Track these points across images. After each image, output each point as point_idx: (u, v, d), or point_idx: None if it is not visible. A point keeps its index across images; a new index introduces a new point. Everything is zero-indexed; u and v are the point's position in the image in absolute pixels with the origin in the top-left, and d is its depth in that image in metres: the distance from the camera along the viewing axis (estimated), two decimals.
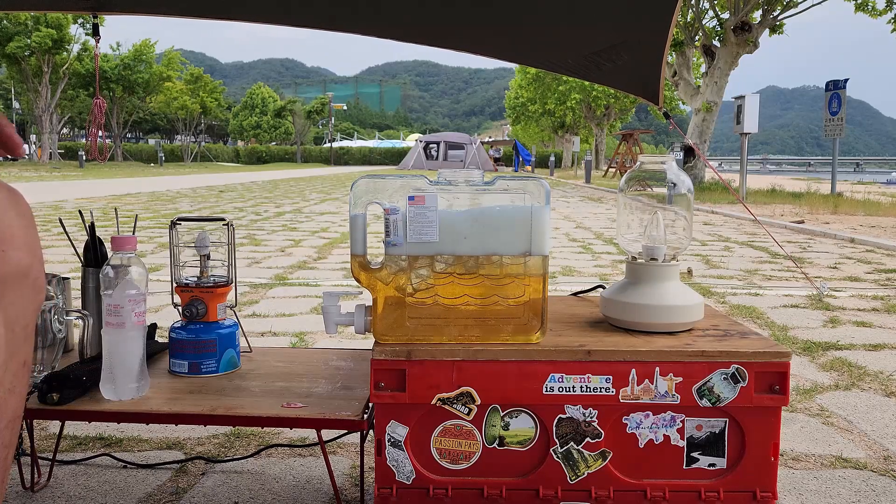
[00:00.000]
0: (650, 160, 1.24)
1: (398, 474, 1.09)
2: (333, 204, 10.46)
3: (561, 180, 22.77)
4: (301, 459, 1.52)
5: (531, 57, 2.69)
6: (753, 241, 6.09)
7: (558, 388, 1.06)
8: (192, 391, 1.21)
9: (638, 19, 2.15)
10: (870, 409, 1.90)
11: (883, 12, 13.70)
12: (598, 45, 2.29)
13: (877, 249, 5.60)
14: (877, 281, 4.07)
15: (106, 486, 1.37)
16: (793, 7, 14.10)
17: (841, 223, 7.60)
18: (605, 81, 2.63)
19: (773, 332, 2.75)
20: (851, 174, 45.53)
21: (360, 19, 2.37)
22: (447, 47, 2.47)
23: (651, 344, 1.09)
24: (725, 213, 8.97)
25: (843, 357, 2.40)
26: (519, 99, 47.56)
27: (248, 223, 7.29)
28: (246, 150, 60.44)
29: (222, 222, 1.36)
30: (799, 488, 1.43)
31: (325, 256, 4.87)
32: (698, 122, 14.79)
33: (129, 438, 1.63)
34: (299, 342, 2.54)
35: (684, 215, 1.23)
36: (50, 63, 38.98)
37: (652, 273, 1.17)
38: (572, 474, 1.09)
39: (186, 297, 1.28)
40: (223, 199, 11.39)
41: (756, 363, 1.06)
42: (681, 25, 15.13)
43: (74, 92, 45.14)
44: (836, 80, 12.20)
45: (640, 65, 2.36)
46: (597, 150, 37.56)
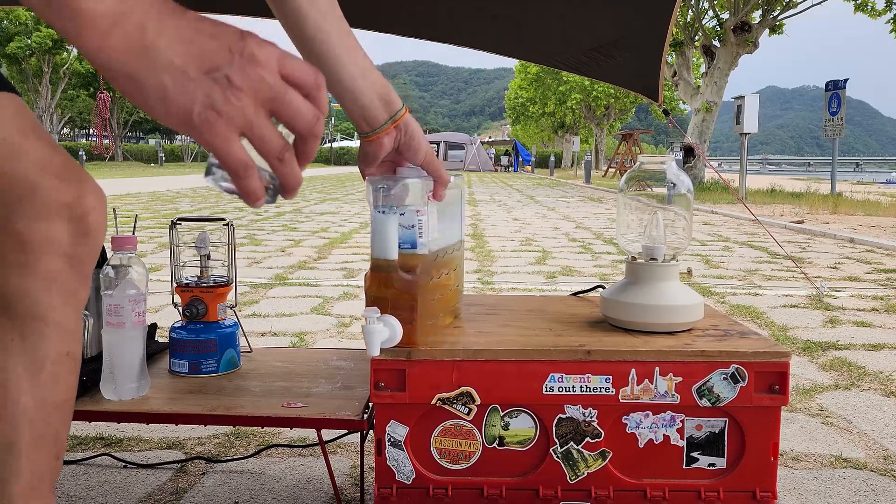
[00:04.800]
0: (650, 160, 1.24)
1: (398, 474, 1.09)
2: (333, 204, 10.47)
3: (561, 180, 22.78)
4: (301, 459, 1.52)
5: (532, 52, 2.69)
6: (753, 241, 6.09)
7: (558, 388, 1.06)
8: (192, 391, 1.21)
9: (637, 16, 2.15)
10: (870, 409, 1.90)
11: (882, 12, 13.71)
12: (597, 41, 2.29)
13: (876, 249, 5.60)
14: (876, 281, 4.08)
15: (106, 486, 1.37)
16: (793, 7, 14.11)
17: (841, 223, 7.60)
18: (605, 78, 2.64)
19: (773, 332, 2.75)
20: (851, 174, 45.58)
21: (360, 14, 2.37)
22: (448, 42, 2.47)
23: (651, 344, 1.09)
24: (725, 213, 8.97)
25: (843, 357, 2.40)
26: (519, 99, 47.60)
27: (248, 223, 7.29)
28: None
29: (222, 222, 1.36)
30: (799, 488, 1.43)
31: (325, 256, 4.87)
32: (698, 122, 14.80)
33: (130, 438, 1.63)
34: (299, 342, 2.54)
35: (684, 215, 1.23)
36: (50, 63, 38.99)
37: (652, 273, 1.17)
38: (572, 474, 1.09)
39: (186, 297, 1.28)
40: (223, 199, 11.39)
41: (756, 363, 1.06)
42: (681, 25, 15.13)
43: (75, 92, 45.17)
44: (836, 80, 12.21)
45: (640, 62, 2.37)
46: (597, 150, 37.57)
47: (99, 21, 0.47)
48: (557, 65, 2.59)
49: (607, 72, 2.53)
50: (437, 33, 2.49)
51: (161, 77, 0.48)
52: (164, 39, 0.48)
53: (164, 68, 0.48)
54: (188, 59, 0.49)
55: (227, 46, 0.50)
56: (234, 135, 0.50)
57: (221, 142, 0.50)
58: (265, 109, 0.51)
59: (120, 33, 0.47)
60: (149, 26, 0.48)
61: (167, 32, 0.48)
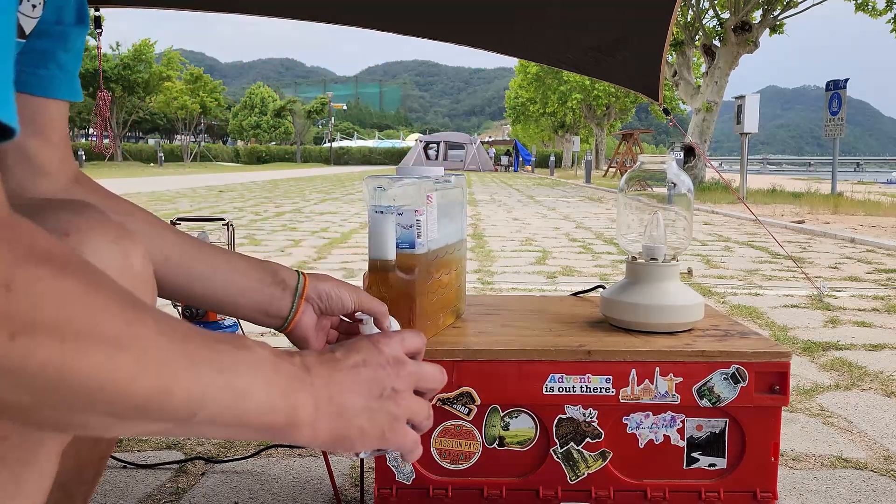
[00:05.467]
0: (650, 160, 1.24)
1: (398, 474, 1.09)
2: (333, 204, 10.46)
3: (561, 180, 22.78)
4: (301, 459, 1.52)
5: (532, 51, 2.69)
6: (753, 241, 6.09)
7: (558, 388, 1.06)
8: None
9: (638, 14, 2.15)
10: (870, 409, 1.90)
11: (883, 12, 13.71)
12: (597, 39, 2.29)
13: (877, 249, 5.60)
14: (877, 281, 4.07)
15: (106, 486, 1.37)
16: (793, 7, 14.10)
17: (841, 223, 7.60)
18: (606, 77, 2.64)
19: (774, 332, 2.75)
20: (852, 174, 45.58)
21: (360, 12, 2.37)
22: (448, 41, 2.47)
23: (651, 344, 1.09)
24: (725, 212, 8.97)
25: (844, 357, 2.39)
26: (519, 99, 47.60)
27: (248, 223, 7.29)
28: (246, 150, 60.48)
29: (222, 222, 1.36)
30: (799, 488, 1.43)
31: (325, 256, 4.87)
32: (698, 121, 14.79)
33: (129, 438, 1.63)
34: None
35: (684, 215, 1.23)
36: None
37: (652, 273, 1.17)
38: (572, 474, 1.09)
39: None
40: (223, 199, 11.39)
41: (756, 363, 1.06)
42: (681, 25, 15.13)
43: None
44: (837, 80, 12.20)
45: (640, 61, 2.37)
46: (597, 150, 37.56)
47: (306, 427, 0.53)
48: (558, 64, 2.59)
49: (608, 71, 2.53)
50: (437, 33, 2.49)
51: (359, 423, 0.56)
52: (346, 394, 0.55)
53: (356, 416, 0.56)
54: (365, 396, 0.57)
55: (378, 365, 0.59)
56: (407, 427, 0.60)
57: (405, 439, 0.59)
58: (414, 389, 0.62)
59: (323, 417, 0.54)
60: (333, 392, 0.55)
61: (342, 385, 0.56)
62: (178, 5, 2.33)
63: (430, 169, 1.09)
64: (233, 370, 0.48)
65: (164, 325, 0.45)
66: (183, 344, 0.45)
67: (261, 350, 0.51)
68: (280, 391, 0.50)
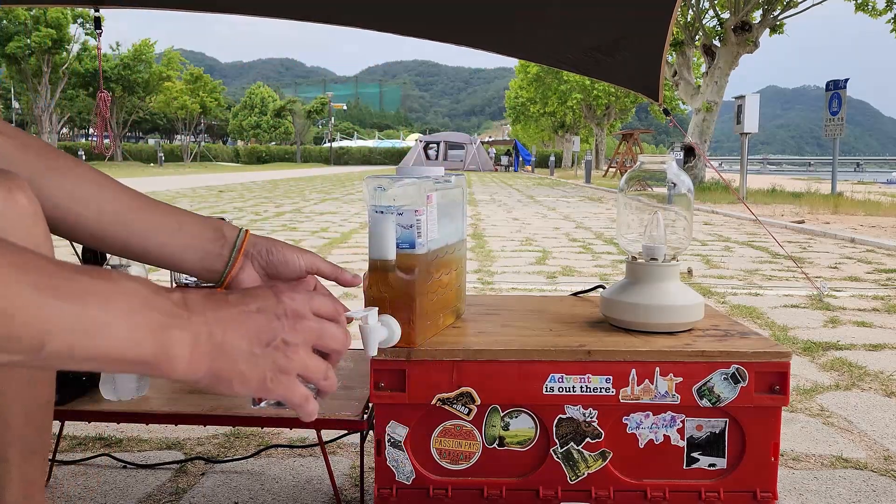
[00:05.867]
0: (650, 160, 1.24)
1: (398, 474, 1.09)
2: (333, 204, 10.46)
3: (561, 180, 22.77)
4: (301, 460, 1.52)
5: (532, 52, 2.69)
6: (753, 241, 6.09)
7: (558, 388, 1.06)
8: (191, 391, 1.21)
9: (638, 14, 2.15)
10: (870, 409, 1.90)
11: (883, 12, 13.70)
12: (597, 40, 2.29)
13: (877, 249, 5.60)
14: (877, 281, 4.07)
15: (106, 486, 1.37)
16: (793, 7, 14.10)
17: (841, 223, 7.60)
18: (606, 77, 2.64)
19: (774, 332, 2.75)
20: (852, 174, 45.55)
21: (360, 13, 2.37)
22: (448, 41, 2.47)
23: (651, 344, 1.09)
24: (726, 213, 8.97)
25: (844, 357, 2.39)
26: (519, 99, 47.58)
27: (248, 223, 7.29)
28: (245, 150, 60.48)
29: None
30: (799, 488, 1.43)
31: (325, 256, 4.87)
32: (698, 121, 14.79)
33: (129, 438, 1.63)
34: None
35: (684, 215, 1.23)
36: (49, 63, 38.99)
37: (652, 273, 1.17)
38: (572, 474, 1.09)
39: None
40: (223, 199, 11.39)
41: (756, 363, 1.06)
42: (681, 25, 15.13)
43: (74, 92, 45.17)
44: (837, 80, 12.20)
45: (640, 61, 2.37)
46: (597, 150, 37.55)
47: (181, 361, 0.52)
48: (558, 64, 2.59)
49: (608, 71, 2.53)
50: (437, 33, 2.49)
51: (238, 366, 0.55)
52: (229, 333, 0.55)
53: (238, 357, 0.55)
54: (251, 340, 0.56)
55: (273, 314, 0.58)
56: (297, 381, 0.59)
57: (291, 393, 0.59)
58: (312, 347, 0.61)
59: (201, 353, 0.53)
60: (214, 330, 0.54)
61: (226, 325, 0.55)
62: (177, 6, 2.33)
63: (430, 169, 1.09)
64: (83, 301, 0.47)
65: (17, 257, 0.45)
66: (34, 275, 0.45)
67: (131, 283, 0.51)
68: (148, 325, 0.50)
